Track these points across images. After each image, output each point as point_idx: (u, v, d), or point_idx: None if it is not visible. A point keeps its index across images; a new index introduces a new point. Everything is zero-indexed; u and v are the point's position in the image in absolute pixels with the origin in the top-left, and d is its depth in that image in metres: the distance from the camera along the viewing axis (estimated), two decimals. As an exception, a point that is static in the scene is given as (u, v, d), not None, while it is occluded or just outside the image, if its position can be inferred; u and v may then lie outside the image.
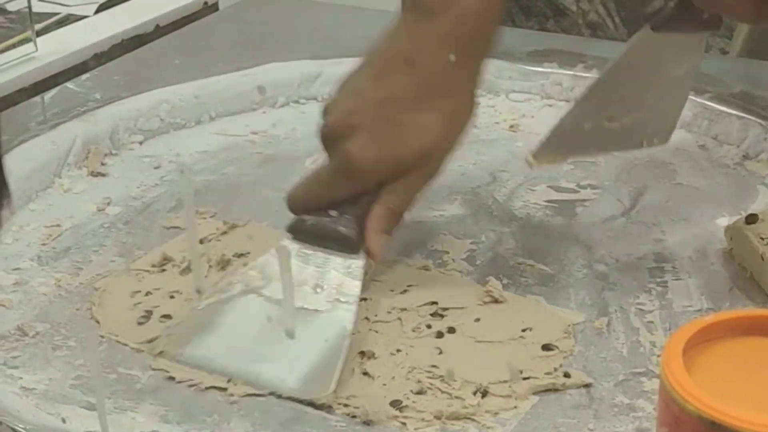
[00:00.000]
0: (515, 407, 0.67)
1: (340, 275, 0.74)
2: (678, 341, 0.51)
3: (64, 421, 0.66)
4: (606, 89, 0.68)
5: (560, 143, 0.67)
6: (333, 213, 0.75)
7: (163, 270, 0.80)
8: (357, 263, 0.74)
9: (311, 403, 0.67)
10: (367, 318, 0.74)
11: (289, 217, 0.77)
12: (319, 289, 0.73)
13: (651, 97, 0.71)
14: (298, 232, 0.75)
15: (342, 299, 0.73)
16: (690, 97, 0.99)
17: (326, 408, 0.67)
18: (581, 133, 0.67)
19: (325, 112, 0.76)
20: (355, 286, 0.73)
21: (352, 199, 0.75)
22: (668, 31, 0.69)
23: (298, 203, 0.77)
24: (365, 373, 0.69)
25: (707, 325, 0.52)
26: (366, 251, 0.74)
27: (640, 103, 0.70)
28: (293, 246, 0.73)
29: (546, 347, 0.71)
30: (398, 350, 0.71)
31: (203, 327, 0.72)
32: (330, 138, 0.75)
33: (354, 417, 0.66)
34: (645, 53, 0.69)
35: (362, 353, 0.71)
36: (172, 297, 0.77)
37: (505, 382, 0.68)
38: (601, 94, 0.68)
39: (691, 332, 0.51)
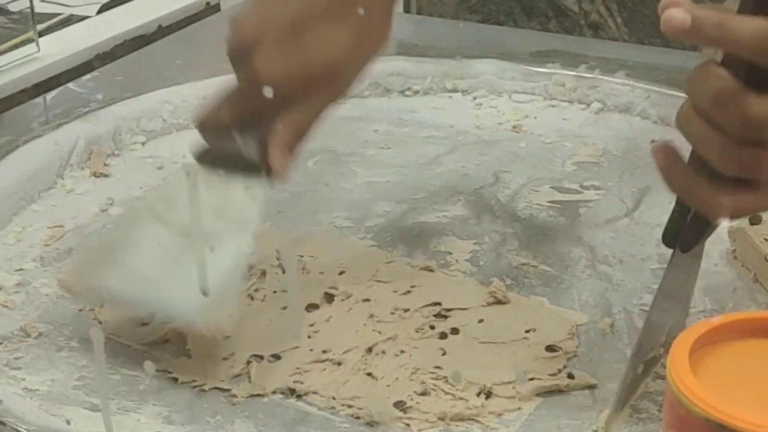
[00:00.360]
0: (519, 408, 0.67)
1: (241, 197, 0.72)
2: (684, 343, 0.51)
3: (68, 422, 0.66)
4: (651, 330, 0.66)
5: (623, 399, 0.66)
6: (236, 135, 0.73)
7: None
8: (258, 183, 0.73)
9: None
10: (370, 318, 0.74)
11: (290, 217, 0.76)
12: (219, 213, 0.71)
13: (678, 308, 0.69)
14: (203, 159, 0.74)
15: (241, 223, 0.71)
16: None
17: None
18: (636, 379, 0.65)
19: (232, 28, 0.74)
20: (253, 209, 0.72)
21: (257, 120, 0.73)
22: (695, 245, 0.65)
23: (204, 122, 0.75)
24: (369, 374, 0.69)
25: (714, 326, 0.52)
26: (267, 169, 0.73)
27: (672, 321, 0.67)
28: (198, 170, 0.72)
29: (550, 348, 0.71)
30: (402, 351, 0.71)
31: (107, 258, 0.71)
32: (237, 54, 0.73)
33: (358, 418, 0.66)
34: (675, 276, 0.66)
35: (366, 353, 0.71)
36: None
37: (509, 383, 0.68)
38: (649, 337, 0.65)
39: (698, 334, 0.51)
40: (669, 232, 0.65)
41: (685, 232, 0.64)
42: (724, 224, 0.83)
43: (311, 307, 0.76)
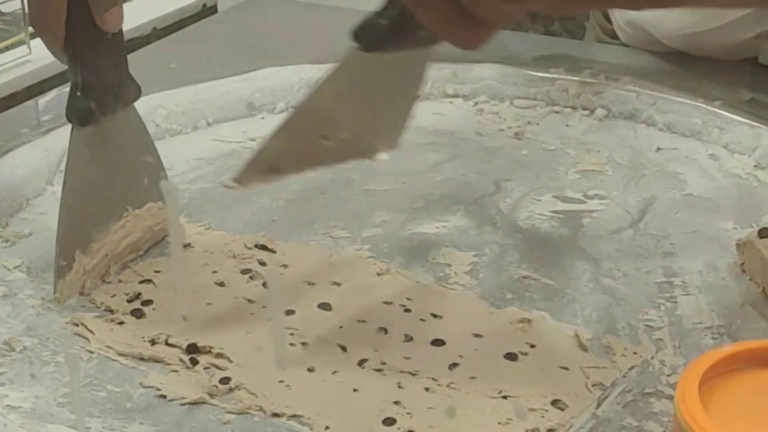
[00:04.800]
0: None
1: None
2: (694, 373, 0.48)
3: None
4: (316, 110, 0.60)
5: (268, 163, 0.60)
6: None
7: (150, 281, 0.78)
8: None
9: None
10: (361, 333, 0.72)
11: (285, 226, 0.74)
12: None
13: (370, 112, 0.63)
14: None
15: None
16: (699, 104, 0.97)
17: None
18: (291, 152, 0.60)
19: None
20: None
21: None
22: (383, 51, 0.58)
23: None
24: (356, 391, 0.67)
25: (726, 355, 0.50)
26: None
27: (357, 119, 0.62)
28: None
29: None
30: (383, 363, 0.69)
31: None
32: None
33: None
34: (358, 73, 0.60)
35: (357, 367, 0.69)
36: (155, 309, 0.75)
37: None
38: (311, 115, 0.60)
39: (709, 363, 0.49)
40: (363, 26, 0.58)
41: (376, 30, 0.58)
42: (732, 236, 0.81)
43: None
